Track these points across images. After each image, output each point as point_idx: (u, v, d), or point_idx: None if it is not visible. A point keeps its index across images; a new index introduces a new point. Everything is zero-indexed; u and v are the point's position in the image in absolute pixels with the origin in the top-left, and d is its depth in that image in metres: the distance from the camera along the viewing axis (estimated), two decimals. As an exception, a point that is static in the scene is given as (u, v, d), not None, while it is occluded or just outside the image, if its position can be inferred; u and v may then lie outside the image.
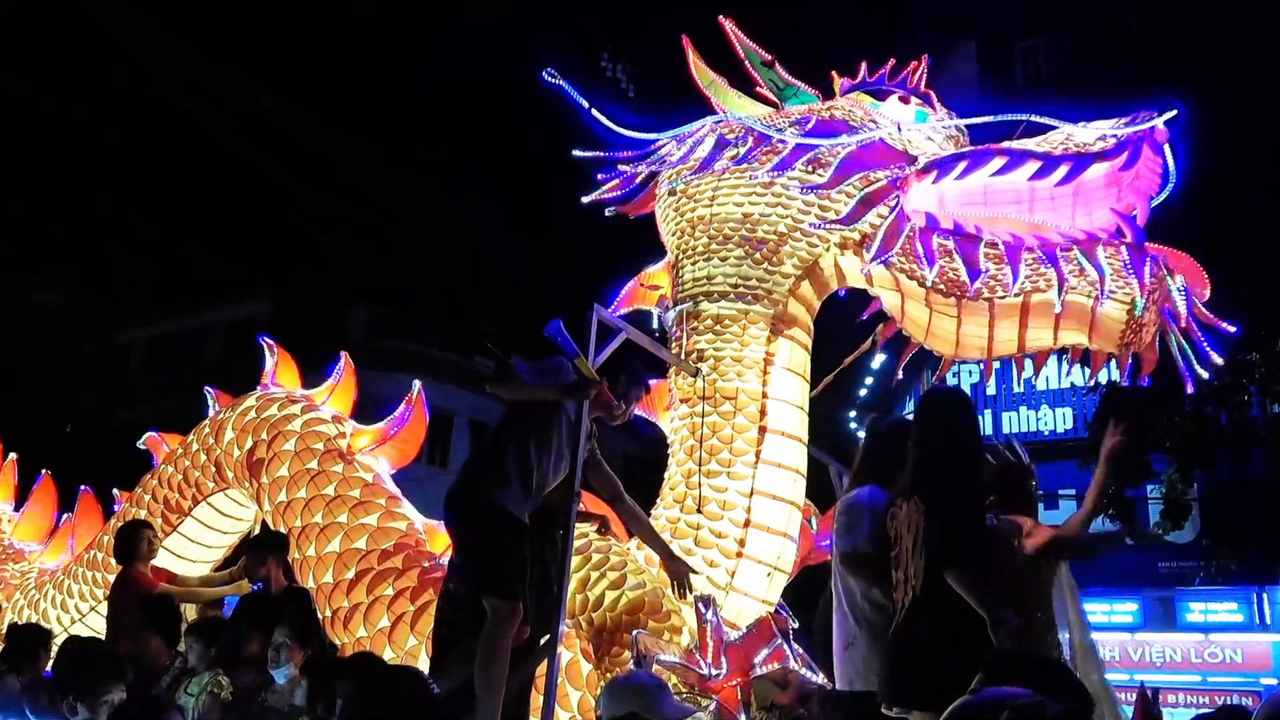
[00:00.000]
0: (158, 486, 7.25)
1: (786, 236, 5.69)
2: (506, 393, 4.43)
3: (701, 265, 5.81)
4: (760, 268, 5.68)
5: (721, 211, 5.81)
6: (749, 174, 5.76)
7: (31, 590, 7.64)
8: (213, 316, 26.61)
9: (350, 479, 6.48)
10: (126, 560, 6.27)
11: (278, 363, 7.35)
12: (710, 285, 5.74)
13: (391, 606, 5.92)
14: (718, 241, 5.79)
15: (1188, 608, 19.13)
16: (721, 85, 6.20)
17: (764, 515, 5.37)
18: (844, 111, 5.95)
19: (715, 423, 5.45)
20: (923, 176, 5.40)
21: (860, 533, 4.27)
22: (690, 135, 6.02)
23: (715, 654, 4.57)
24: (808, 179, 5.62)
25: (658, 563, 5.33)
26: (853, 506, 4.29)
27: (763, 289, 5.66)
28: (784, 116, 6.04)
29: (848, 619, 4.27)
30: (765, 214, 5.72)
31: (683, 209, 5.98)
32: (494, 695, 4.24)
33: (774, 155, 5.69)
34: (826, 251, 5.71)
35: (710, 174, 5.88)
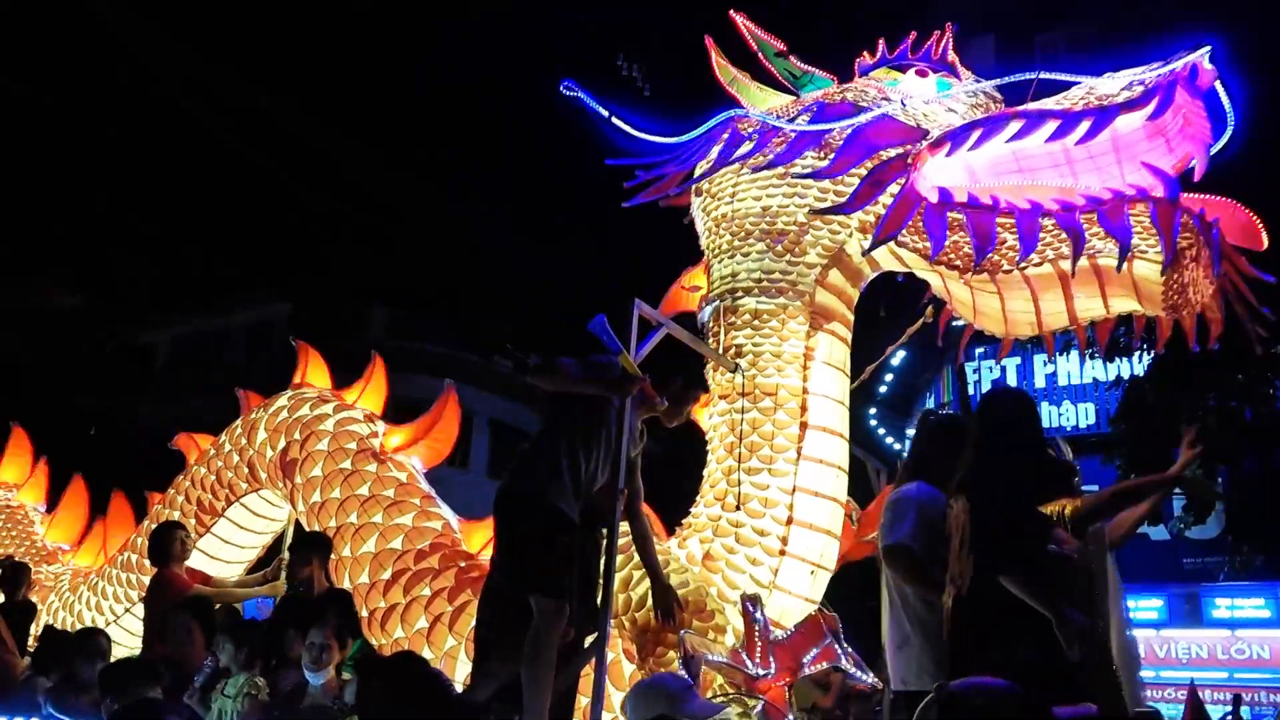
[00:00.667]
0: (190, 487, 7.24)
1: (807, 226, 5.60)
2: (547, 384, 4.37)
3: (726, 263, 5.75)
4: (783, 260, 5.60)
5: (742, 207, 5.75)
6: (764, 167, 5.67)
7: (65, 591, 7.64)
8: (233, 318, 26.70)
9: (384, 478, 6.44)
10: (161, 561, 6.26)
11: (309, 362, 7.32)
12: (735, 282, 5.67)
13: (429, 607, 5.88)
14: (739, 237, 5.73)
15: (1214, 604, 18.99)
16: (744, 81, 6.13)
17: (807, 512, 5.29)
18: (854, 93, 5.83)
19: (755, 419, 5.38)
20: (935, 150, 5.20)
21: (903, 528, 4.21)
22: (708, 135, 5.93)
23: (763, 653, 4.52)
24: (815, 166, 5.49)
25: (699, 560, 5.29)
26: (899, 501, 4.23)
27: (786, 281, 5.58)
28: (798, 105, 5.95)
29: (900, 619, 4.21)
30: (783, 205, 5.64)
31: (708, 208, 5.94)
32: (541, 696, 4.19)
33: (783, 146, 5.60)
34: (849, 237, 5.61)
35: (730, 171, 5.81)
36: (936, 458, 4.19)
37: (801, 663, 4.53)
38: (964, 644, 3.72)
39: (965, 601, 3.68)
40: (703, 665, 4.40)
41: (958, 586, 3.72)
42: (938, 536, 3.91)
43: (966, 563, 3.67)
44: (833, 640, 4.49)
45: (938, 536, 3.91)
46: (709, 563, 5.26)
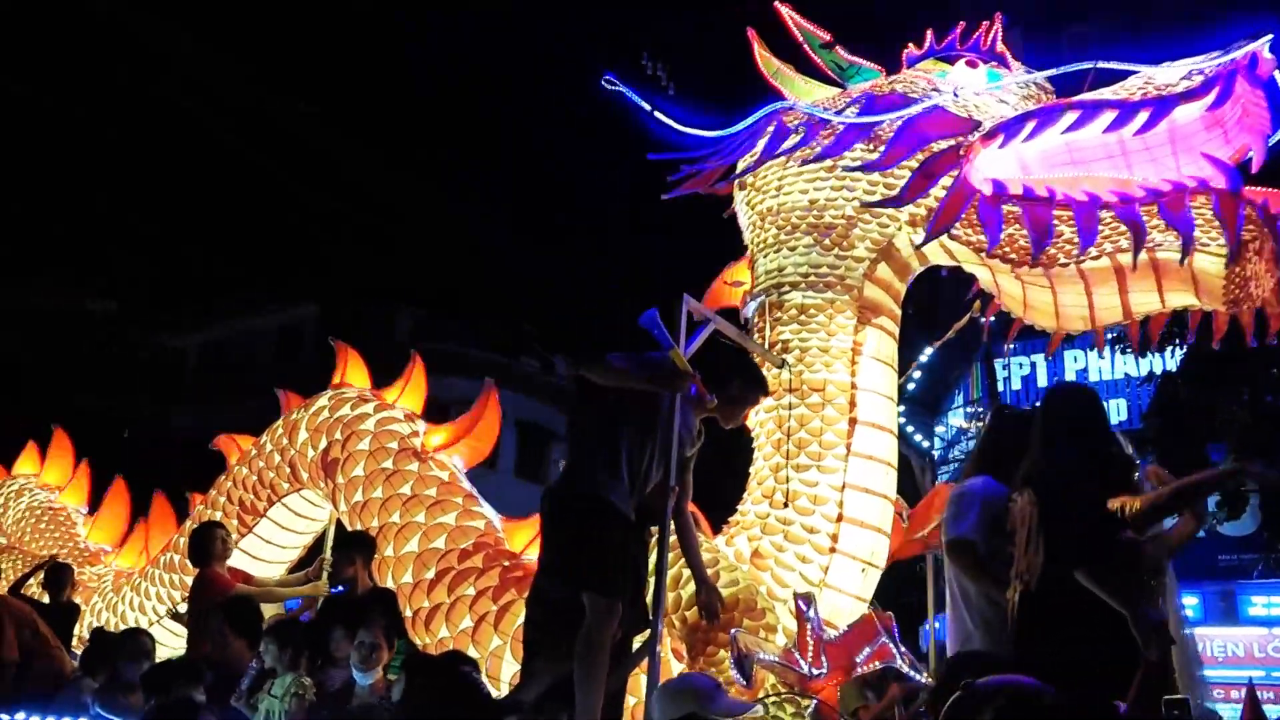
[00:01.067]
0: (232, 488, 7.25)
1: (855, 219, 5.53)
2: (594, 377, 4.31)
3: (772, 257, 5.68)
4: (830, 254, 5.53)
5: (788, 200, 5.68)
6: (812, 159, 5.60)
7: (109, 593, 7.68)
8: (262, 321, 26.86)
9: (426, 478, 6.42)
10: (203, 561, 6.26)
11: (348, 362, 7.32)
12: (781, 276, 5.60)
13: (474, 606, 5.85)
14: (786, 231, 5.66)
15: (1250, 601, 18.73)
16: (788, 73, 6.05)
17: (857, 509, 5.23)
18: (904, 84, 5.76)
19: (803, 415, 5.31)
20: (988, 142, 5.12)
21: (966, 523, 4.13)
22: (752, 128, 5.87)
23: (815, 652, 4.45)
24: (865, 158, 5.42)
25: (748, 558, 5.23)
26: (963, 496, 4.15)
27: (834, 275, 5.51)
28: (846, 97, 5.88)
29: (962, 614, 4.13)
30: (831, 198, 5.57)
31: (753, 202, 5.87)
32: (593, 696, 4.13)
33: (831, 138, 5.53)
34: (899, 231, 5.54)
35: (777, 164, 5.73)
36: (1005, 454, 4.10)
37: (855, 662, 4.45)
38: (1031, 640, 3.63)
39: (1033, 597, 3.60)
40: (756, 664, 4.33)
41: (1025, 581, 3.63)
42: (1002, 532, 3.83)
43: (1034, 557, 3.58)
44: (887, 639, 4.41)
45: (1002, 532, 3.83)
46: (758, 560, 5.21)
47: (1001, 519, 3.85)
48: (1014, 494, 3.82)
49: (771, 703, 4.56)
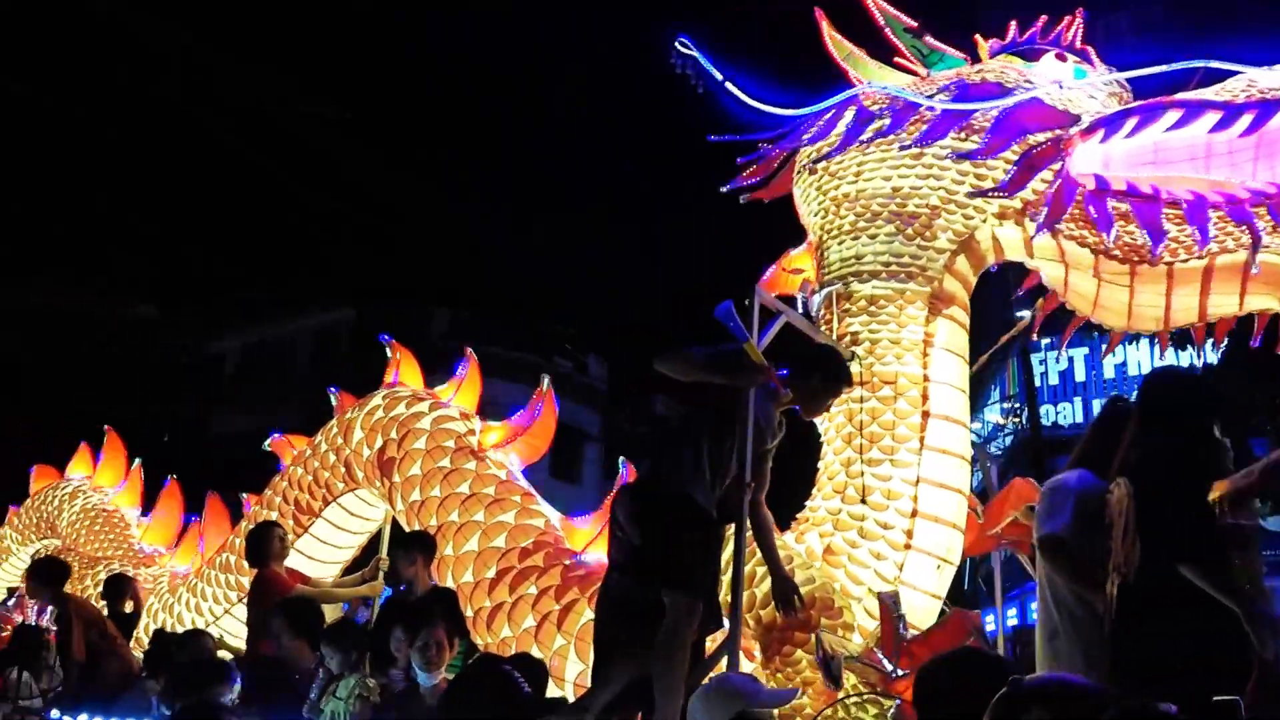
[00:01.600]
0: (287, 488, 7.22)
1: (940, 209, 5.39)
2: (670, 370, 4.21)
3: (849, 244, 5.53)
4: (913, 244, 5.39)
5: (868, 187, 5.53)
6: (896, 146, 5.47)
7: (165, 594, 7.67)
8: (300, 324, 27.02)
9: (484, 476, 6.36)
10: (260, 562, 6.22)
11: (401, 361, 7.27)
12: (859, 265, 5.47)
13: (536, 606, 5.78)
14: (865, 219, 5.51)
15: (1294, 596, 18.31)
16: (860, 56, 5.89)
17: (932, 504, 5.09)
18: (995, 73, 5.61)
19: (875, 408, 5.18)
20: (1088, 137, 5.04)
21: (1061, 519, 3.97)
22: (829, 110, 5.74)
23: (900, 652, 4.31)
24: (960, 147, 5.31)
25: (819, 555, 5.11)
26: (1058, 490, 3.99)
27: (916, 266, 5.38)
28: (930, 84, 5.73)
29: (1050, 610, 3.98)
30: (916, 187, 5.42)
31: (825, 187, 5.70)
32: (673, 698, 4.02)
33: (922, 124, 5.40)
34: (984, 223, 5.40)
35: (855, 148, 5.60)
36: (1107, 446, 3.93)
37: (940, 661, 4.31)
38: (1128, 636, 3.48)
39: (1132, 591, 3.44)
40: (842, 664, 4.21)
41: (1123, 575, 3.48)
42: (1097, 528, 3.67)
43: (1132, 550, 3.43)
44: (977, 639, 4.27)
45: (1097, 528, 3.67)
46: (830, 557, 5.08)
47: (1097, 515, 3.69)
48: (1112, 486, 3.67)
49: (853, 703, 4.44)
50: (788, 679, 4.81)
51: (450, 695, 3.67)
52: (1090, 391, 24.98)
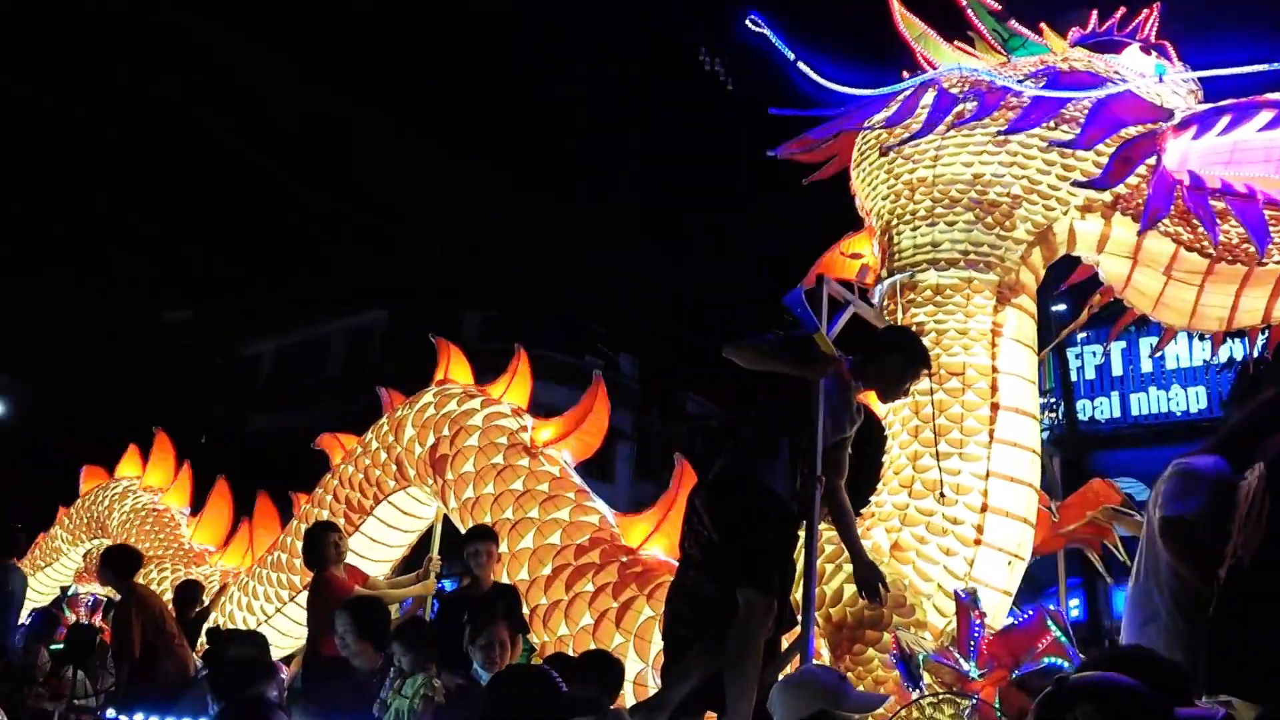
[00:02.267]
0: (339, 486, 7.19)
1: (1021, 199, 5.27)
2: (738, 358, 4.11)
3: (925, 230, 5.38)
4: (992, 233, 5.27)
5: (947, 172, 5.38)
6: (977, 131, 5.33)
7: (216, 592, 7.68)
8: (333, 326, 27.18)
9: (537, 473, 6.30)
10: (318, 565, 6.17)
11: (450, 359, 7.22)
12: (936, 252, 5.32)
13: (593, 603, 5.71)
14: (943, 205, 5.37)
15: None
16: (932, 37, 5.71)
17: (1002, 499, 4.97)
18: (1084, 63, 5.47)
19: (942, 401, 5.06)
20: (1180, 133, 4.94)
21: (1192, 502, 3.78)
22: (904, 92, 5.59)
23: (977, 649, 4.20)
24: (1052, 136, 5.18)
25: (887, 552, 5.00)
26: (1190, 471, 3.78)
27: (995, 256, 5.25)
28: (1012, 69, 5.58)
29: (1151, 594, 3.81)
30: (998, 174, 5.29)
31: (897, 170, 5.54)
32: (747, 697, 3.93)
33: (1010, 111, 5.26)
34: (1064, 215, 5.28)
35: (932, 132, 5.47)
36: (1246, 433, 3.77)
37: (1021, 660, 4.19)
38: (1235, 620, 3.33)
39: (1246, 573, 3.29)
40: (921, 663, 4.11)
41: (1238, 558, 3.33)
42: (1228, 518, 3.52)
43: (1255, 534, 3.28)
44: (1059, 635, 4.14)
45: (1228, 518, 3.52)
46: (898, 554, 4.97)
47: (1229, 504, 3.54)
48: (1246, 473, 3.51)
49: (928, 703, 4.33)
50: (859, 678, 4.71)
51: (489, 693, 3.66)
52: (1128, 386, 24.61)
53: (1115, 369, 24.91)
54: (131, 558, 6.49)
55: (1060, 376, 23.76)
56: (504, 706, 3.29)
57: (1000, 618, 4.85)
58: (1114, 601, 18.73)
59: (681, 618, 4.29)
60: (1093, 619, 18.75)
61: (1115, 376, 24.94)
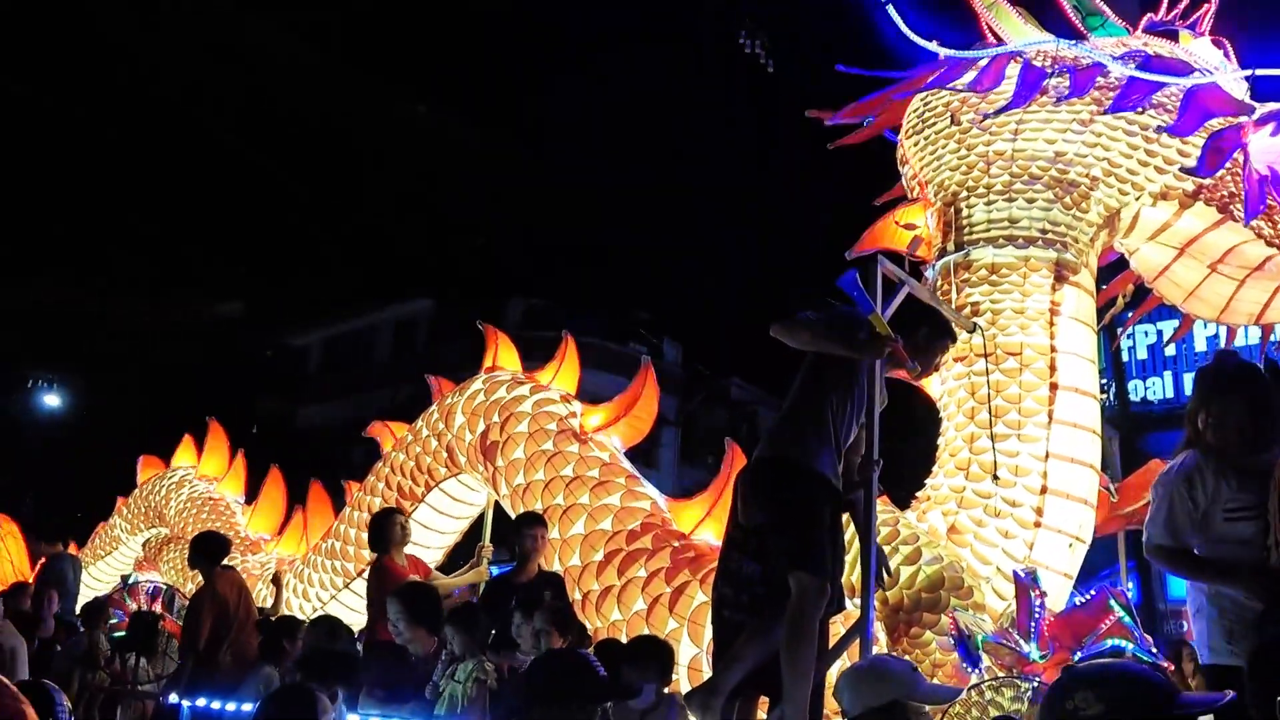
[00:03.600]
0: (390, 474, 7.25)
1: (1099, 181, 5.19)
2: (792, 340, 4.02)
3: (1002, 205, 5.27)
4: (1069, 213, 5.19)
5: (1029, 148, 5.28)
6: (1063, 109, 5.21)
7: (271, 580, 7.77)
8: (379, 316, 27.43)
9: (587, 459, 6.30)
10: (381, 548, 6.21)
11: (498, 346, 7.24)
12: (1014, 229, 5.22)
13: (646, 588, 5.70)
14: (1022, 180, 5.26)
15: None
16: (1006, 9, 5.57)
17: (1062, 480, 4.88)
18: (1167, 49, 5.36)
19: (999, 381, 4.98)
20: (1259, 128, 4.87)
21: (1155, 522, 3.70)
22: (981, 60, 5.46)
23: (1039, 631, 4.13)
24: (1141, 120, 5.11)
25: (943, 534, 4.94)
26: (1155, 484, 3.71)
27: (1070, 236, 5.18)
28: (1095, 49, 5.44)
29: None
30: (1081, 154, 5.20)
31: (970, 141, 5.42)
32: (803, 683, 3.88)
33: (1103, 91, 5.14)
34: (1136, 201, 5.20)
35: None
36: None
37: (1084, 642, 4.12)
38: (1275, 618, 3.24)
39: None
40: (980, 645, 4.05)
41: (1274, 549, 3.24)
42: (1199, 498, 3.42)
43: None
44: (1123, 616, 4.05)
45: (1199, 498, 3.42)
46: (955, 536, 4.90)
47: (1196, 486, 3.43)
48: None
49: (988, 686, 4.27)
50: (916, 662, 4.65)
51: (526, 677, 3.68)
52: (1181, 365, 24.03)
53: (1168, 349, 24.43)
54: (219, 545, 6.58)
55: (1111, 356, 23.34)
56: (540, 689, 3.32)
57: (1061, 601, 4.77)
58: (1169, 586, 18.40)
59: (727, 601, 4.25)
60: (1147, 602, 18.44)
61: (1168, 356, 24.45)
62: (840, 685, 3.23)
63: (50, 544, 9.25)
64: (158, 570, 8.95)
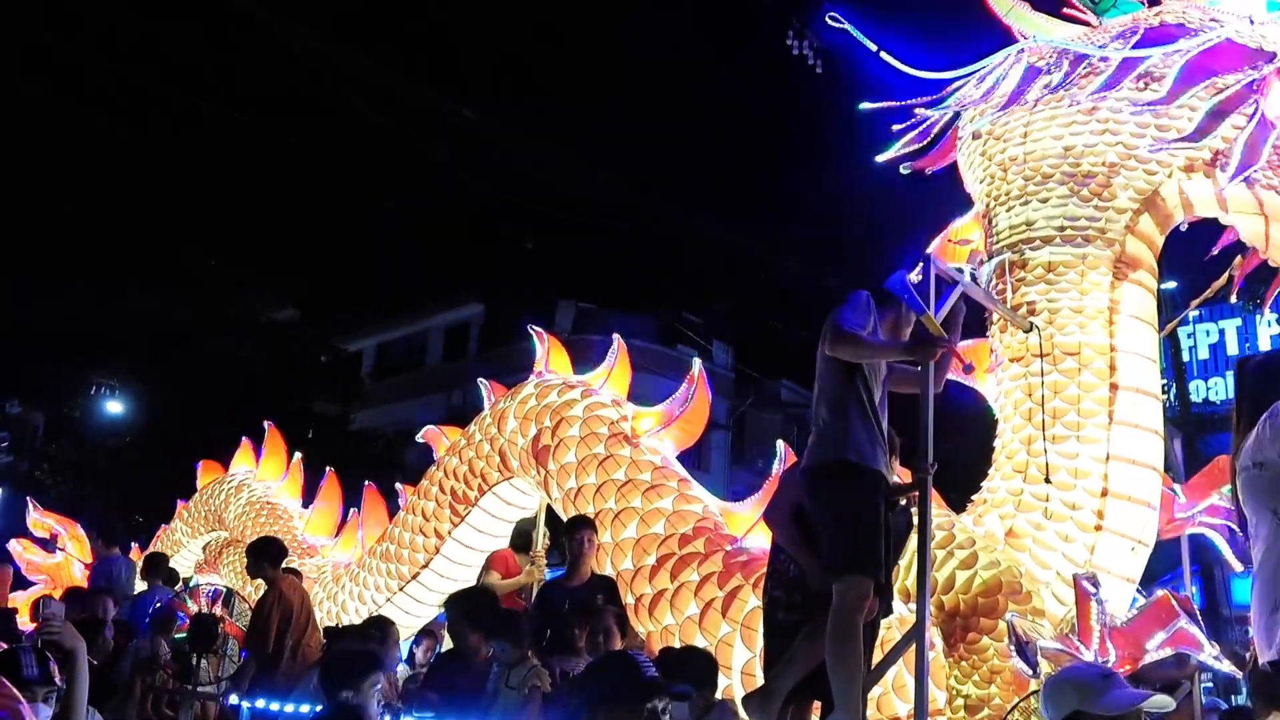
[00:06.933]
0: (444, 478, 7.30)
1: (1119, 166, 5.06)
2: (854, 356, 3.97)
3: (1019, 210, 5.24)
4: (1089, 205, 5.07)
5: (1037, 148, 5.23)
6: (1066, 102, 5.14)
7: (329, 583, 7.88)
8: (431, 322, 27.71)
9: (639, 462, 6.30)
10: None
11: (550, 350, 7.26)
12: (1031, 231, 5.17)
13: (699, 593, 5.68)
14: (1035, 182, 5.21)
15: None
16: (1023, 10, 5.54)
17: (1123, 483, 4.77)
18: (1175, 15, 5.21)
19: (1057, 382, 4.88)
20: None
21: None
22: (991, 70, 5.44)
23: (1100, 638, 4.04)
24: (1139, 97, 4.97)
25: (1001, 538, 4.85)
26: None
27: (1095, 229, 5.05)
28: (1102, 32, 5.36)
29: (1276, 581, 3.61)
30: (1090, 144, 5.10)
31: (990, 151, 5.43)
32: (852, 684, 3.84)
33: (1095, 76, 5.06)
34: (1169, 178, 5.05)
35: (1020, 108, 5.30)
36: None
37: (1146, 649, 4.01)
38: None
39: None
40: (1038, 652, 3.97)
41: None
42: None
43: None
44: (1189, 623, 3.95)
45: None
46: (1012, 540, 4.82)
47: None
48: None
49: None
50: (973, 668, 4.59)
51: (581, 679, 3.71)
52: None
53: (1230, 347, 23.79)
54: (277, 547, 6.73)
55: (1171, 356, 22.80)
56: (593, 691, 3.36)
57: (1124, 606, 4.67)
58: (1232, 590, 17.91)
59: (779, 604, 4.24)
60: (1210, 608, 17.98)
61: (1230, 355, 23.83)
62: (1041, 695, 3.14)
63: (109, 547, 9.45)
64: (217, 573, 9.11)
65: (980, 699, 4.52)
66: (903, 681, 4.79)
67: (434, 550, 7.18)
